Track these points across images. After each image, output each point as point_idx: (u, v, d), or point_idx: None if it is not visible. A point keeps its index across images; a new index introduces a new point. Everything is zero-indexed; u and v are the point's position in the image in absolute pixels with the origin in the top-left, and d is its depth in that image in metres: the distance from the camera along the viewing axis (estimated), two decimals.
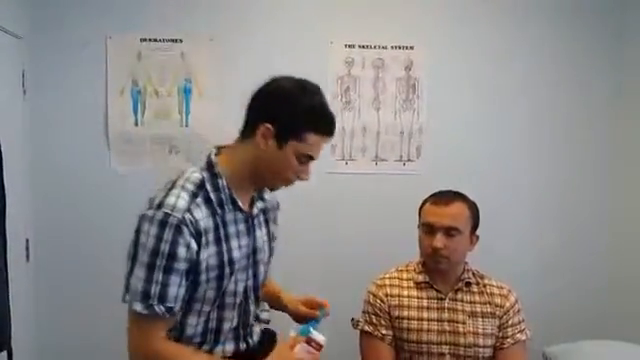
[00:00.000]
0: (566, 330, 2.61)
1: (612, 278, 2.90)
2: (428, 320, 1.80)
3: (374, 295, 1.86)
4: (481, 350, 1.78)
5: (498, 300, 1.82)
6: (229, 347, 1.49)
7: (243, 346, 1.52)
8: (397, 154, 2.74)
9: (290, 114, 1.34)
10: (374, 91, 2.69)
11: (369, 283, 1.93)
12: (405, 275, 1.89)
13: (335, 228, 2.74)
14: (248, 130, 1.38)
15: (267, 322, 1.68)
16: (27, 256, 2.47)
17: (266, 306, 1.71)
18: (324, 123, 1.38)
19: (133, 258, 1.30)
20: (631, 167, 2.80)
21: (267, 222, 1.57)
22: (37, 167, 2.54)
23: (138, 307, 1.28)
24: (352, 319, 1.90)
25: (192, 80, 2.57)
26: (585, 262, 2.90)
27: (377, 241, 2.69)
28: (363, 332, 1.86)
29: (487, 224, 1.87)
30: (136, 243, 1.30)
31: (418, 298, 1.83)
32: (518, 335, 1.80)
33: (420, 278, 1.85)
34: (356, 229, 2.74)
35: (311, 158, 1.39)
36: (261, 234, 1.52)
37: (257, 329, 1.60)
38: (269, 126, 1.33)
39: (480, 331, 1.78)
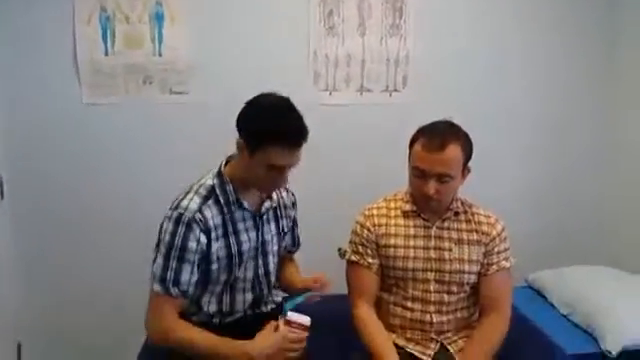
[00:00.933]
0: (551, 260, 2.64)
1: (598, 208, 2.93)
2: (414, 248, 1.79)
3: (361, 225, 1.84)
4: (466, 276, 1.78)
5: (485, 228, 1.81)
6: (238, 316, 1.74)
7: (249, 312, 1.76)
8: (383, 84, 2.64)
9: (253, 131, 1.52)
10: (359, 15, 2.55)
11: (356, 214, 1.90)
12: (393, 204, 1.87)
13: (319, 161, 2.64)
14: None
15: (280, 304, 1.84)
16: (1, 193, 2.39)
17: (279, 292, 1.89)
18: (283, 137, 1.50)
19: (156, 249, 1.58)
20: (628, 100, 2.75)
21: (277, 218, 1.79)
22: (4, 103, 2.41)
23: (157, 287, 1.54)
24: (339, 249, 1.89)
25: (163, 4, 2.41)
26: (574, 195, 2.91)
27: (363, 173, 2.65)
28: (350, 262, 1.85)
29: (475, 156, 1.80)
30: (159, 237, 1.57)
31: (405, 226, 1.82)
32: (503, 262, 1.80)
33: (408, 207, 1.83)
34: (341, 162, 2.68)
35: (281, 167, 1.54)
36: (269, 229, 1.75)
37: (269, 306, 1.82)
38: (240, 140, 1.55)
39: (466, 258, 1.78)
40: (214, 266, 1.62)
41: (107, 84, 2.43)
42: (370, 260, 1.80)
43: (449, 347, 1.79)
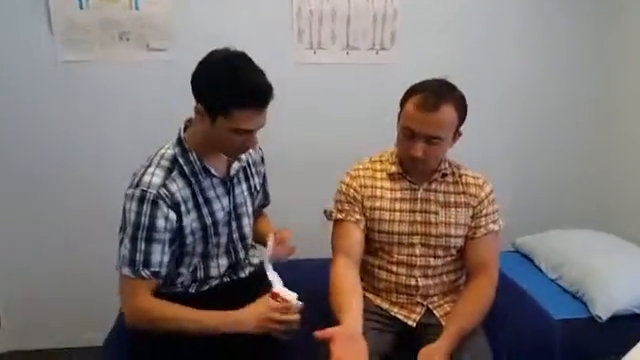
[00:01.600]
0: (539, 224, 2.60)
1: (585, 171, 2.88)
2: (400, 211, 1.73)
3: (347, 185, 1.77)
4: (452, 240, 1.73)
5: (473, 190, 1.75)
6: (214, 284, 1.66)
7: (227, 280, 1.69)
8: (370, 42, 2.55)
9: (212, 95, 1.41)
10: None
11: (341, 176, 1.83)
12: (379, 166, 1.80)
13: (304, 123, 2.60)
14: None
15: (257, 265, 1.78)
16: None
17: (256, 252, 1.81)
18: (247, 98, 1.39)
19: (122, 231, 1.48)
20: (616, 55, 2.68)
21: (247, 178, 1.70)
22: None
23: (126, 271, 1.46)
24: (325, 211, 1.82)
25: None
26: (561, 153, 2.86)
27: (349, 134, 2.58)
28: (335, 221, 1.78)
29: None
30: (123, 218, 1.47)
31: (391, 190, 1.75)
32: (491, 225, 1.75)
33: (393, 169, 1.76)
34: (327, 123, 2.62)
35: (249, 131, 1.45)
36: (241, 190, 1.67)
37: (246, 270, 1.75)
38: (199, 106, 1.44)
39: (453, 221, 1.73)
40: (189, 240, 1.54)
41: (82, 39, 2.32)
42: (357, 217, 1.74)
43: (435, 311, 1.75)
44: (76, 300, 2.61)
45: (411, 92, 1.64)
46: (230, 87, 1.38)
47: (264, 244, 1.75)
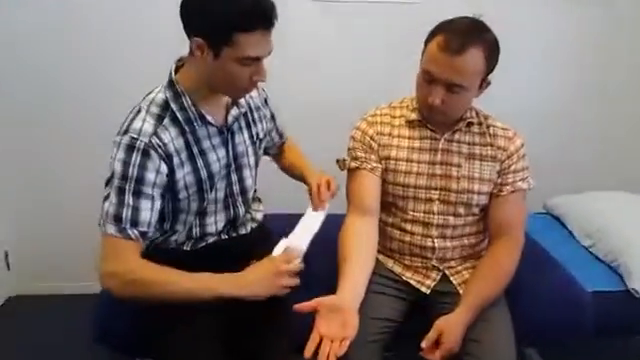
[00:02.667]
0: (573, 184, 2.37)
1: (630, 130, 2.62)
2: (418, 162, 1.54)
3: (363, 132, 1.58)
4: (475, 197, 1.53)
5: (501, 142, 1.54)
6: (211, 241, 1.50)
7: (225, 236, 1.53)
8: None
9: (211, 23, 1.22)
10: None
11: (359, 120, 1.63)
12: (398, 112, 1.60)
13: (320, 67, 2.39)
14: (189, 45, 1.29)
15: (259, 222, 1.63)
16: None
17: (260, 207, 1.67)
18: (251, 18, 1.22)
19: (108, 184, 1.30)
20: None
21: (249, 125, 1.52)
22: None
23: (111, 229, 1.27)
24: (337, 160, 1.63)
25: None
26: (604, 110, 2.60)
27: (369, 81, 2.36)
28: (350, 170, 1.59)
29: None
30: (110, 170, 1.29)
31: (409, 138, 1.55)
32: (519, 183, 1.54)
33: (413, 116, 1.55)
34: (344, 68, 2.40)
35: (257, 59, 1.28)
36: (241, 139, 1.49)
37: (248, 226, 1.59)
38: (198, 39, 1.24)
39: (476, 175, 1.53)
40: (182, 195, 1.37)
41: None
42: (374, 164, 1.55)
43: (452, 278, 1.57)
44: (89, 246, 2.49)
45: (437, 30, 1.42)
46: (229, 8, 1.20)
47: (302, 180, 1.67)
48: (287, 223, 1.47)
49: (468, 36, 1.36)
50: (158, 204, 1.31)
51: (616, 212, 2.09)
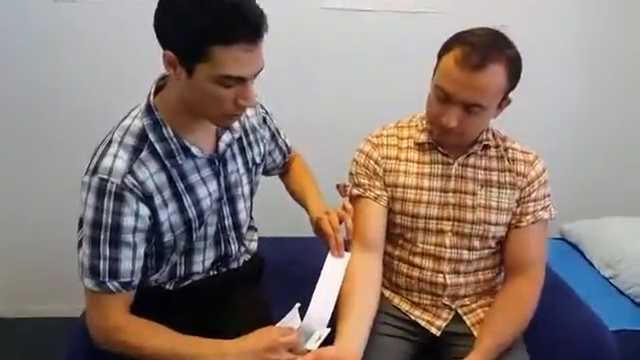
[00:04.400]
0: (591, 209, 2.23)
1: None
2: (429, 190, 1.39)
3: (367, 156, 1.43)
4: (492, 228, 1.38)
5: (521, 168, 1.39)
6: (197, 278, 1.34)
7: (214, 273, 1.36)
8: None
9: (182, 32, 1.03)
10: None
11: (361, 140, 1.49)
12: (406, 133, 1.45)
13: (316, 81, 2.26)
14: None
15: (253, 251, 1.48)
16: None
17: (255, 236, 1.50)
18: (230, 27, 1.01)
19: (79, 230, 1.16)
20: None
21: (243, 150, 1.34)
22: None
23: (89, 283, 1.13)
24: (337, 186, 1.48)
25: None
26: (628, 126, 2.45)
27: (378, 97, 2.23)
28: (352, 198, 1.44)
29: None
30: (81, 213, 1.14)
31: (419, 163, 1.41)
32: (541, 213, 1.39)
33: (423, 138, 1.41)
34: (353, 82, 2.27)
35: (239, 79, 1.06)
36: (234, 168, 1.31)
37: (241, 259, 1.43)
38: (169, 53, 1.06)
39: (494, 204, 1.38)
40: (167, 238, 1.20)
41: None
42: (378, 192, 1.40)
43: (465, 317, 1.42)
44: (45, 267, 2.36)
45: (453, 42, 1.26)
46: (203, 14, 1.00)
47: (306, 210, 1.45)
48: (283, 248, 1.33)
49: (489, 50, 1.20)
50: (142, 250, 1.16)
51: (637, 240, 1.94)
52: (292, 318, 1.20)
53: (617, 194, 2.46)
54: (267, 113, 1.45)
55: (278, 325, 1.19)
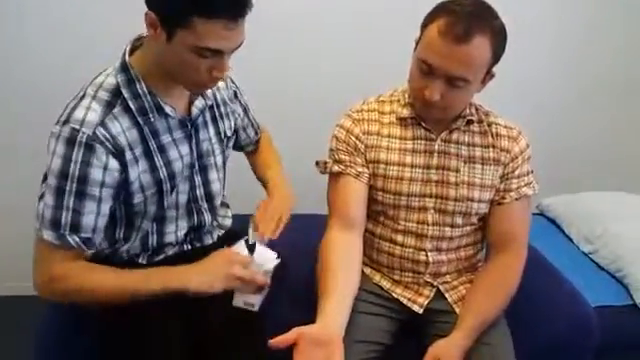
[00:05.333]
0: (571, 182, 2.23)
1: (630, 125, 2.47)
2: (411, 166, 1.36)
3: (348, 131, 1.39)
4: (475, 205, 1.36)
5: (505, 143, 1.37)
6: (171, 252, 1.33)
7: (187, 247, 1.36)
8: None
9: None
10: None
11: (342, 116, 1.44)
12: (387, 108, 1.40)
13: (302, 50, 2.19)
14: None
15: (227, 229, 1.46)
16: None
17: (229, 212, 1.49)
18: (216, 3, 1.02)
19: (43, 181, 1.13)
20: None
21: (215, 120, 1.34)
22: None
23: (48, 236, 1.11)
24: (317, 162, 1.44)
25: None
26: (600, 106, 2.43)
27: (358, 68, 2.17)
28: (332, 174, 1.41)
29: None
30: (48, 165, 1.11)
31: (401, 139, 1.37)
32: (524, 189, 1.38)
33: (405, 112, 1.37)
34: (330, 52, 2.20)
35: (217, 52, 1.07)
36: (207, 136, 1.31)
37: (214, 234, 1.43)
38: (151, 14, 1.05)
39: (477, 181, 1.36)
40: (137, 199, 1.19)
41: None
42: (359, 169, 1.37)
43: (447, 294, 1.41)
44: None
45: (437, 12, 1.21)
46: None
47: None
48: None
49: (474, 20, 1.16)
50: (107, 207, 1.14)
51: (618, 215, 1.96)
52: (240, 248, 1.22)
53: (596, 169, 2.46)
54: (237, 88, 1.44)
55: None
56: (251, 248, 1.22)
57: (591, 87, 2.43)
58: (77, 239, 1.12)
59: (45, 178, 1.13)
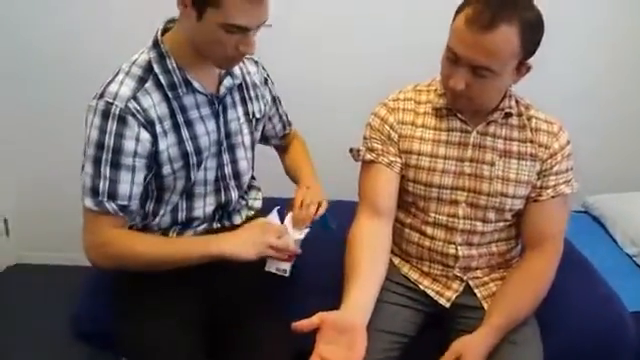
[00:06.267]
0: (619, 181, 2.15)
1: None
2: (445, 158, 1.33)
3: (382, 120, 1.38)
4: (509, 201, 1.33)
5: (544, 138, 1.32)
6: (201, 229, 1.38)
7: (217, 225, 1.40)
8: None
9: None
10: None
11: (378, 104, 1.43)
12: (424, 97, 1.38)
13: (327, 39, 2.18)
14: None
15: (257, 210, 1.50)
16: None
17: (259, 194, 1.53)
18: None
19: (84, 153, 1.21)
20: None
21: (244, 101, 1.38)
22: None
23: (88, 202, 1.20)
24: (351, 150, 1.43)
25: None
26: None
27: (396, 56, 2.14)
28: (364, 162, 1.40)
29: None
30: (86, 137, 1.20)
31: (435, 129, 1.35)
32: (562, 187, 1.33)
33: (441, 102, 1.34)
34: (367, 40, 2.18)
35: (245, 29, 1.13)
36: (235, 115, 1.35)
37: (243, 213, 1.46)
38: None
39: (512, 176, 1.32)
40: (166, 170, 1.25)
41: None
42: (392, 158, 1.36)
43: (476, 290, 1.38)
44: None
45: (468, 1, 1.19)
46: None
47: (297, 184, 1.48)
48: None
49: (502, 10, 1.12)
50: (141, 176, 1.21)
51: None
52: (273, 218, 1.34)
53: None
54: (269, 76, 1.48)
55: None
56: (282, 219, 1.31)
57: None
58: (114, 206, 1.19)
59: (83, 150, 1.20)
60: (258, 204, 1.51)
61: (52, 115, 2.29)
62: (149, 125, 1.18)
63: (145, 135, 1.18)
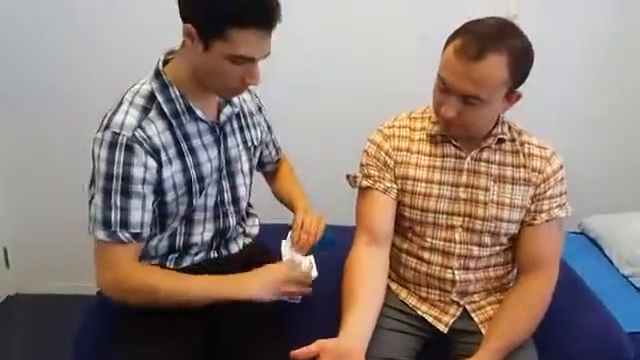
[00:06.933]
0: (613, 202, 2.17)
1: None
2: (440, 184, 1.36)
3: (378, 146, 1.40)
4: (504, 225, 1.35)
5: (537, 163, 1.35)
6: (198, 258, 1.39)
7: (214, 255, 1.42)
8: None
9: (205, 11, 1.13)
10: None
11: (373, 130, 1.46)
12: (419, 124, 1.41)
13: (326, 60, 2.21)
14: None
15: (253, 237, 1.52)
16: None
17: (256, 221, 1.56)
18: (248, 13, 1.12)
19: (91, 185, 1.24)
20: None
21: (242, 129, 1.42)
22: None
23: (100, 235, 1.20)
24: (347, 176, 1.46)
25: None
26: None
27: (390, 84, 2.17)
28: (361, 189, 1.42)
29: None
30: (93, 169, 1.23)
31: (430, 155, 1.37)
32: (556, 210, 1.35)
33: (436, 129, 1.37)
34: (358, 72, 2.22)
35: (250, 59, 1.17)
36: (234, 143, 1.39)
37: (240, 241, 1.48)
38: (189, 26, 1.15)
39: (507, 201, 1.34)
40: (170, 197, 1.26)
41: None
42: (388, 184, 1.38)
43: (473, 314, 1.40)
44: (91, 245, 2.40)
45: (457, 31, 1.23)
46: (228, 2, 1.11)
47: (291, 209, 1.53)
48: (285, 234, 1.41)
49: (489, 41, 1.16)
50: (150, 202, 1.23)
51: None
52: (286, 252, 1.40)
53: (634, 190, 2.38)
54: (261, 104, 1.52)
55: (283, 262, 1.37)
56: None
57: (631, 100, 2.36)
58: (127, 234, 1.20)
59: (92, 182, 1.23)
60: (255, 230, 1.53)
61: (52, 146, 2.32)
62: (155, 153, 1.21)
63: (152, 163, 1.20)
